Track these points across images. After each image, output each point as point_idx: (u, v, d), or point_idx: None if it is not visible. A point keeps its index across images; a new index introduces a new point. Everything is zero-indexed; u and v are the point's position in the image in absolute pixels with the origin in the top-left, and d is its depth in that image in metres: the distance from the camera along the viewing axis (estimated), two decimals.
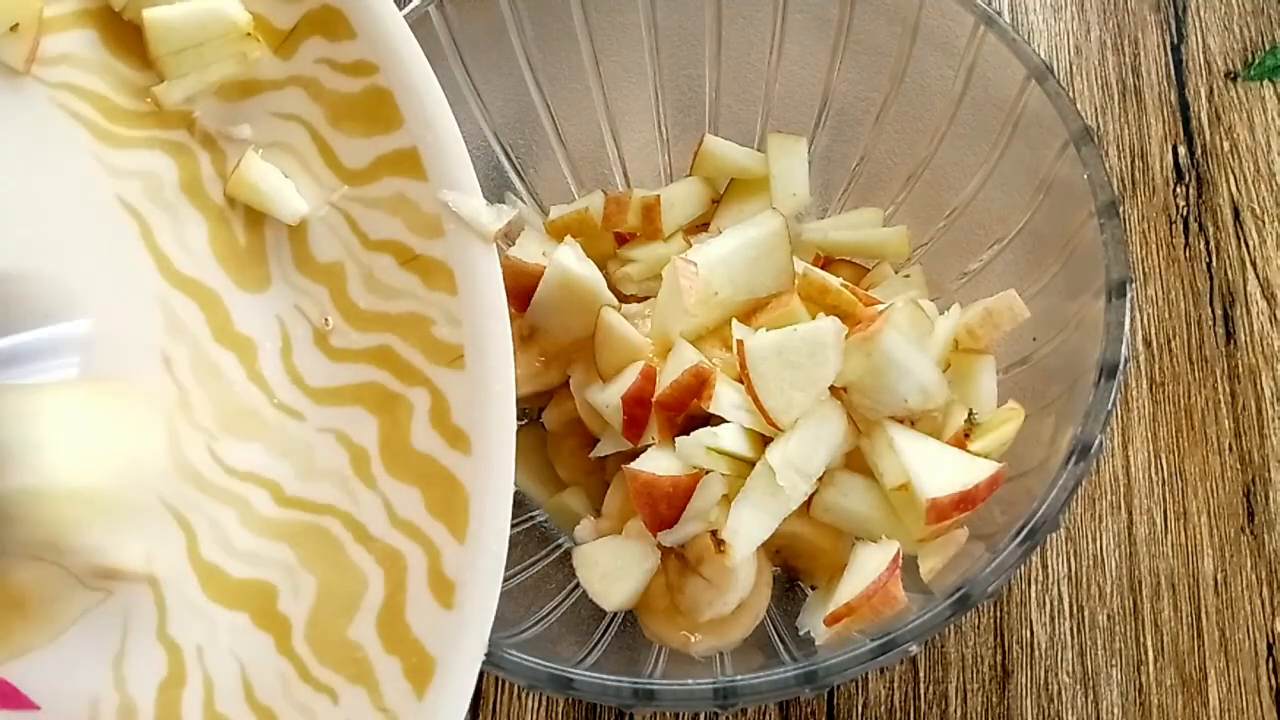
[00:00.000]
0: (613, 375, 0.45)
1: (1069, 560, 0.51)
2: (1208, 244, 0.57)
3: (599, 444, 0.46)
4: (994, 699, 0.49)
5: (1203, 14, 0.61)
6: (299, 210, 0.38)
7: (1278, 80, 0.60)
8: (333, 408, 0.38)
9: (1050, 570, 0.51)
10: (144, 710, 0.35)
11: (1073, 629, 0.50)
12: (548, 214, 0.53)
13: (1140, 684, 0.49)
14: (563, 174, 0.54)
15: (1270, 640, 0.50)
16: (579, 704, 0.49)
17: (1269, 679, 0.49)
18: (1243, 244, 0.57)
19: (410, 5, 0.44)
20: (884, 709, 0.49)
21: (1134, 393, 0.54)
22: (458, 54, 0.47)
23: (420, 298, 0.37)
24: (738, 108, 0.53)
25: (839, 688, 0.49)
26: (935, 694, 0.49)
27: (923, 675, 0.49)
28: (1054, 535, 0.52)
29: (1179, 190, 0.58)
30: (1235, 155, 0.58)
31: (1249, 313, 0.55)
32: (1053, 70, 0.43)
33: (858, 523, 0.42)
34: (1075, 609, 0.50)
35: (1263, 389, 0.54)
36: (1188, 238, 0.57)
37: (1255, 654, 0.49)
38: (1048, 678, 0.49)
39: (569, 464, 0.49)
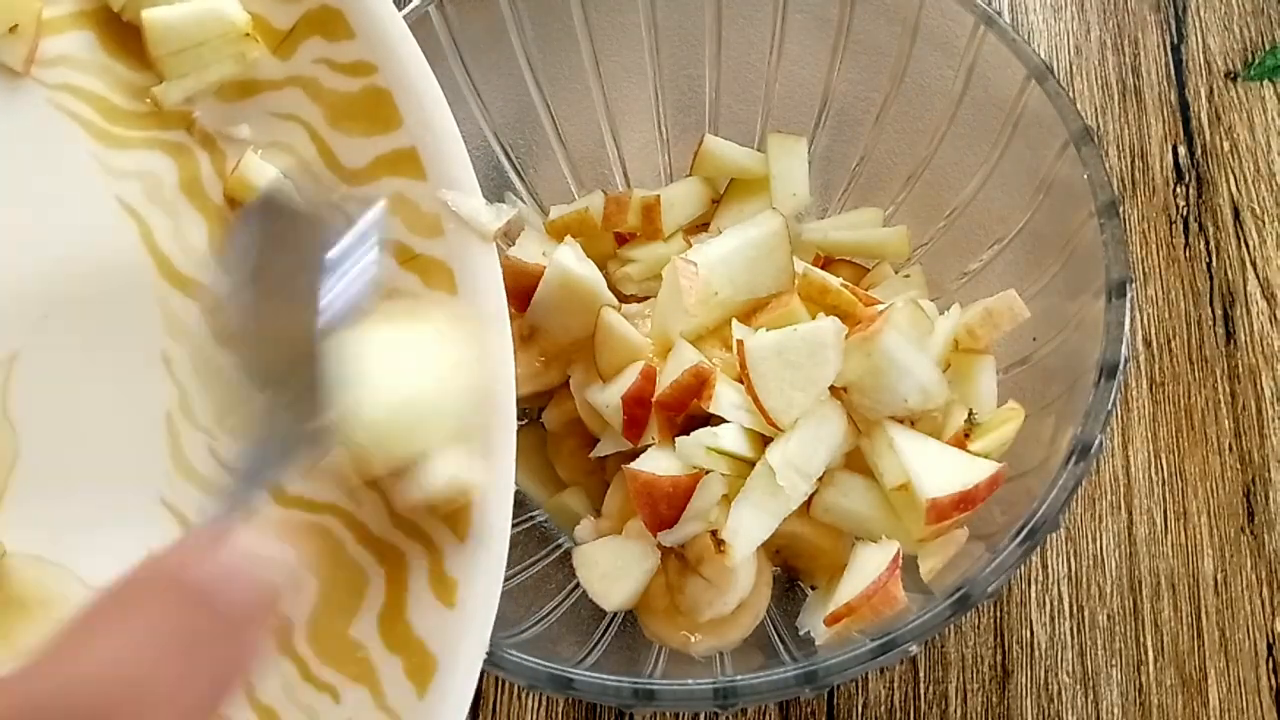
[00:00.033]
0: (613, 375, 0.45)
1: (1069, 560, 0.51)
2: (1208, 244, 0.57)
3: (599, 444, 0.46)
4: (994, 699, 0.49)
5: (1203, 14, 0.61)
6: None
7: (1278, 80, 0.60)
8: None
9: (1050, 570, 0.51)
10: None
11: (1073, 629, 0.50)
12: (548, 214, 0.53)
13: (1140, 684, 0.49)
14: (563, 174, 0.54)
15: (1270, 640, 0.50)
16: (579, 704, 0.49)
17: (1269, 679, 0.49)
18: (1243, 244, 0.57)
19: (410, 5, 0.44)
20: (884, 709, 0.49)
21: (1134, 393, 0.54)
22: (458, 54, 0.47)
23: (420, 297, 0.37)
24: (738, 108, 0.53)
25: (839, 688, 0.49)
26: (935, 694, 0.49)
27: (923, 675, 0.49)
28: (1054, 535, 0.52)
29: (1179, 190, 0.58)
30: (1235, 155, 0.58)
31: (1249, 313, 0.55)
32: (1053, 70, 0.43)
33: (858, 523, 0.42)
34: (1075, 609, 0.50)
35: (1263, 389, 0.54)
36: (1188, 238, 0.57)
37: (1255, 654, 0.49)
38: (1048, 678, 0.49)
39: (569, 464, 0.49)
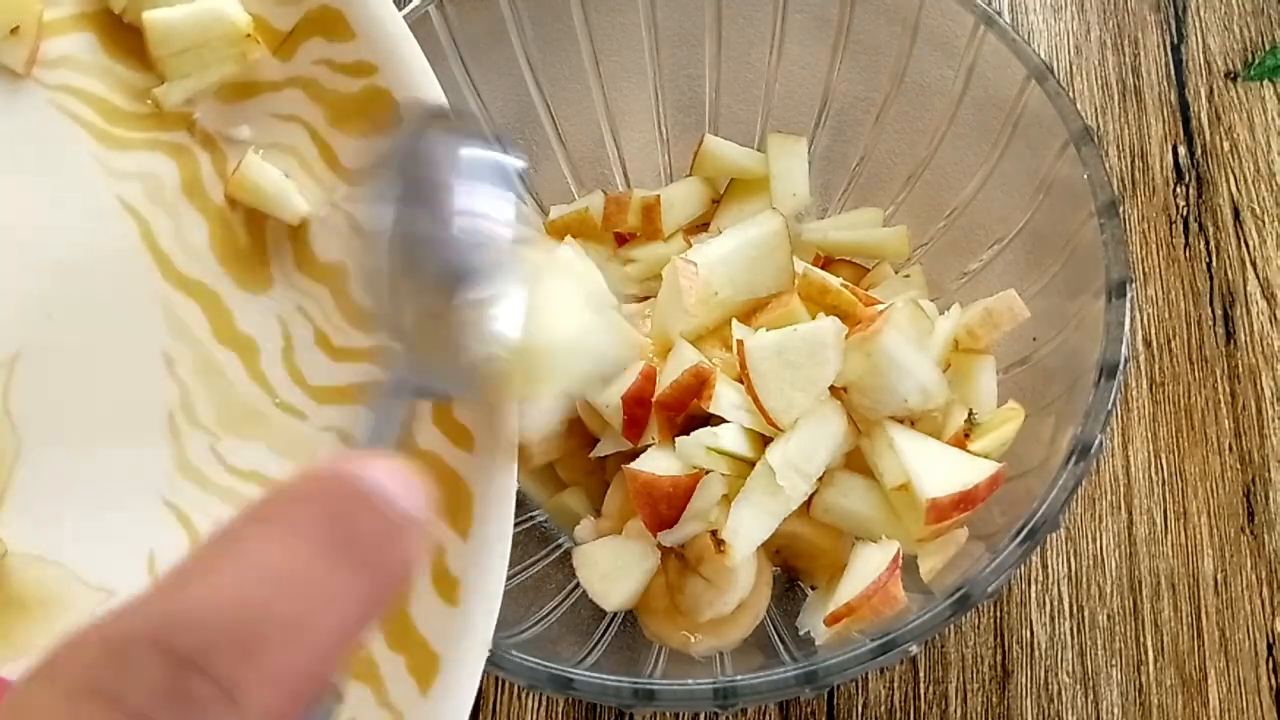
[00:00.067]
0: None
1: (1069, 560, 0.51)
2: (1208, 244, 0.57)
3: (599, 444, 0.46)
4: (994, 699, 0.49)
5: (1203, 14, 0.61)
6: (300, 211, 0.38)
7: (1278, 80, 0.59)
8: (334, 407, 0.38)
9: (1050, 570, 0.51)
10: None
11: (1073, 629, 0.50)
12: (548, 214, 0.53)
13: (1140, 684, 0.49)
14: (563, 174, 0.54)
15: (1270, 640, 0.50)
16: (579, 704, 0.49)
17: (1269, 679, 0.49)
18: (1243, 244, 0.57)
19: (410, 5, 0.44)
20: (884, 709, 0.49)
21: (1134, 393, 0.54)
22: (458, 54, 0.47)
23: None
24: (738, 108, 0.53)
25: (839, 688, 0.49)
26: (935, 694, 0.49)
27: (923, 675, 0.49)
28: (1054, 535, 0.52)
29: (1179, 190, 0.58)
30: (1235, 155, 0.58)
31: (1249, 313, 0.55)
32: (1053, 70, 0.43)
33: (858, 523, 0.42)
34: (1075, 609, 0.50)
35: (1263, 389, 0.54)
36: (1188, 238, 0.57)
37: (1255, 654, 0.49)
38: (1048, 678, 0.49)
39: (569, 464, 0.49)
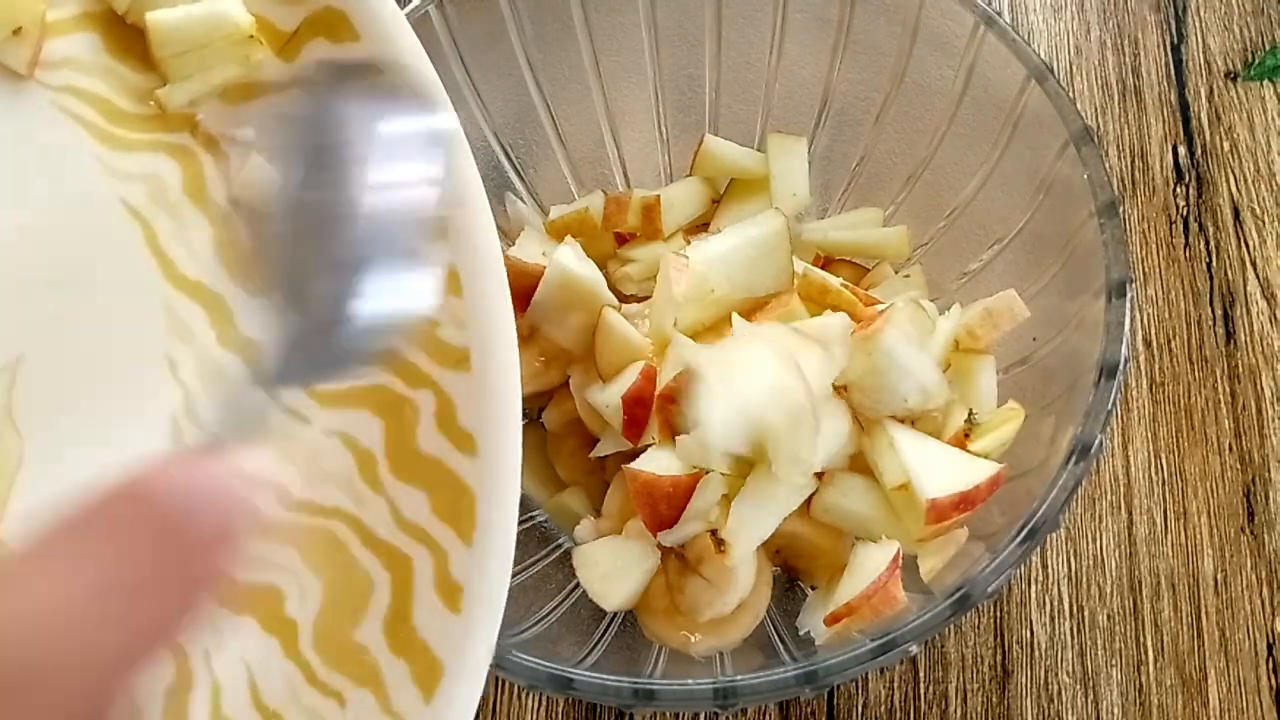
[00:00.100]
0: (613, 375, 0.45)
1: (1069, 560, 0.51)
2: (1208, 244, 0.57)
3: (599, 444, 0.46)
4: (994, 699, 0.49)
5: (1203, 14, 0.61)
6: None
7: (1278, 80, 0.59)
8: (338, 411, 0.37)
9: (1050, 570, 0.51)
10: (151, 715, 0.35)
11: (1073, 629, 0.50)
12: (548, 214, 0.53)
13: (1140, 684, 0.49)
14: (563, 174, 0.54)
15: (1270, 640, 0.50)
16: (579, 704, 0.49)
17: (1269, 679, 0.49)
18: (1243, 244, 0.57)
19: (410, 5, 0.44)
20: (884, 709, 0.49)
21: (1134, 393, 0.54)
22: (458, 54, 0.47)
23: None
24: (738, 108, 0.53)
25: (839, 688, 0.49)
26: (935, 694, 0.49)
27: (923, 675, 0.49)
28: (1054, 535, 0.52)
29: (1179, 190, 0.58)
30: (1235, 155, 0.58)
31: (1249, 313, 0.55)
32: (1053, 70, 0.43)
33: (858, 523, 0.42)
34: (1075, 609, 0.50)
35: (1263, 389, 0.54)
36: (1188, 238, 0.57)
37: (1255, 654, 0.49)
38: (1048, 678, 0.49)
39: (569, 464, 0.49)
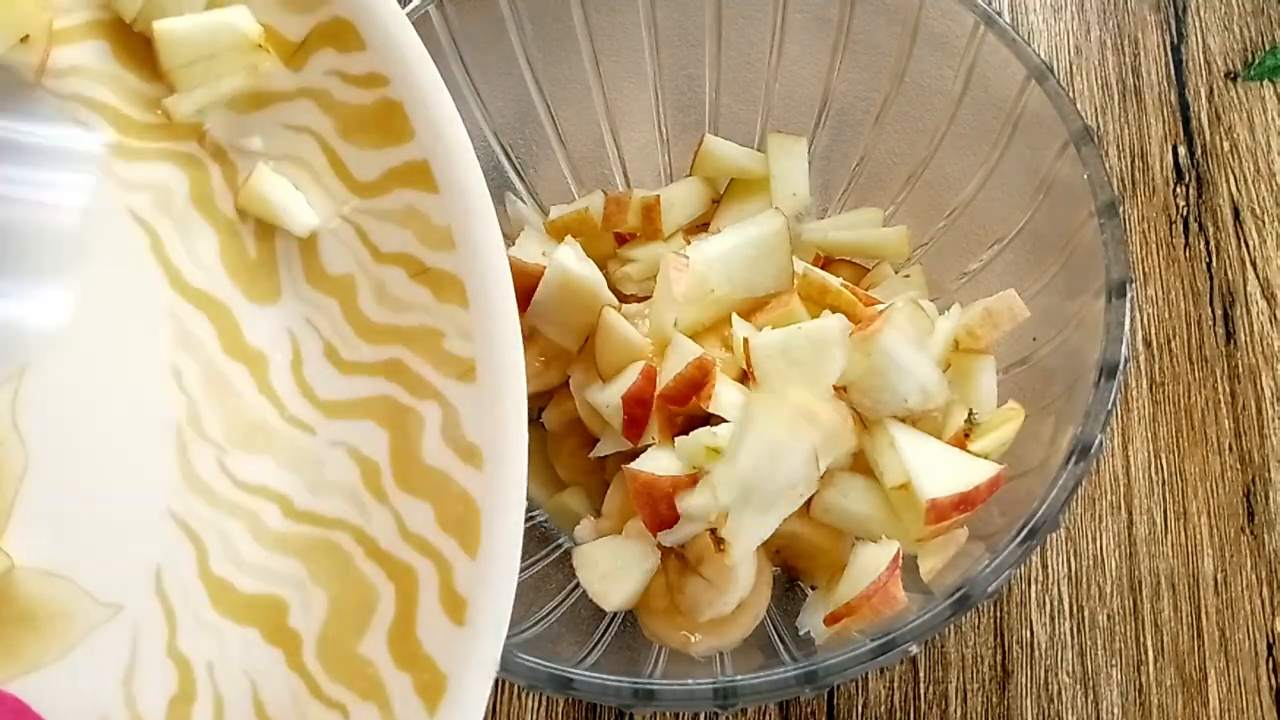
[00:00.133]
0: (613, 375, 0.45)
1: (1069, 560, 0.51)
2: (1208, 244, 0.57)
3: (599, 444, 0.46)
4: (994, 699, 0.49)
5: (1203, 14, 0.61)
6: (309, 223, 0.38)
7: (1278, 80, 0.60)
8: (343, 421, 0.37)
9: (1050, 570, 0.51)
10: None
11: (1073, 629, 0.50)
12: (548, 214, 0.53)
13: (1140, 684, 0.49)
14: (563, 174, 0.54)
15: (1270, 640, 0.50)
16: (579, 704, 0.49)
17: (1269, 679, 0.49)
18: (1243, 244, 0.57)
19: (410, 5, 0.44)
20: (884, 709, 0.49)
21: (1134, 393, 0.54)
22: (458, 54, 0.47)
23: (431, 311, 0.37)
24: (738, 108, 0.53)
25: (839, 688, 0.49)
26: (935, 694, 0.49)
27: (923, 675, 0.49)
28: (1054, 535, 0.52)
29: (1179, 190, 0.58)
30: (1235, 155, 0.58)
31: (1249, 313, 0.55)
32: (1053, 70, 0.43)
33: (858, 523, 0.42)
34: (1075, 609, 0.50)
35: (1263, 389, 0.54)
36: (1188, 238, 0.57)
37: (1255, 654, 0.49)
38: (1048, 678, 0.49)
39: (569, 464, 0.49)
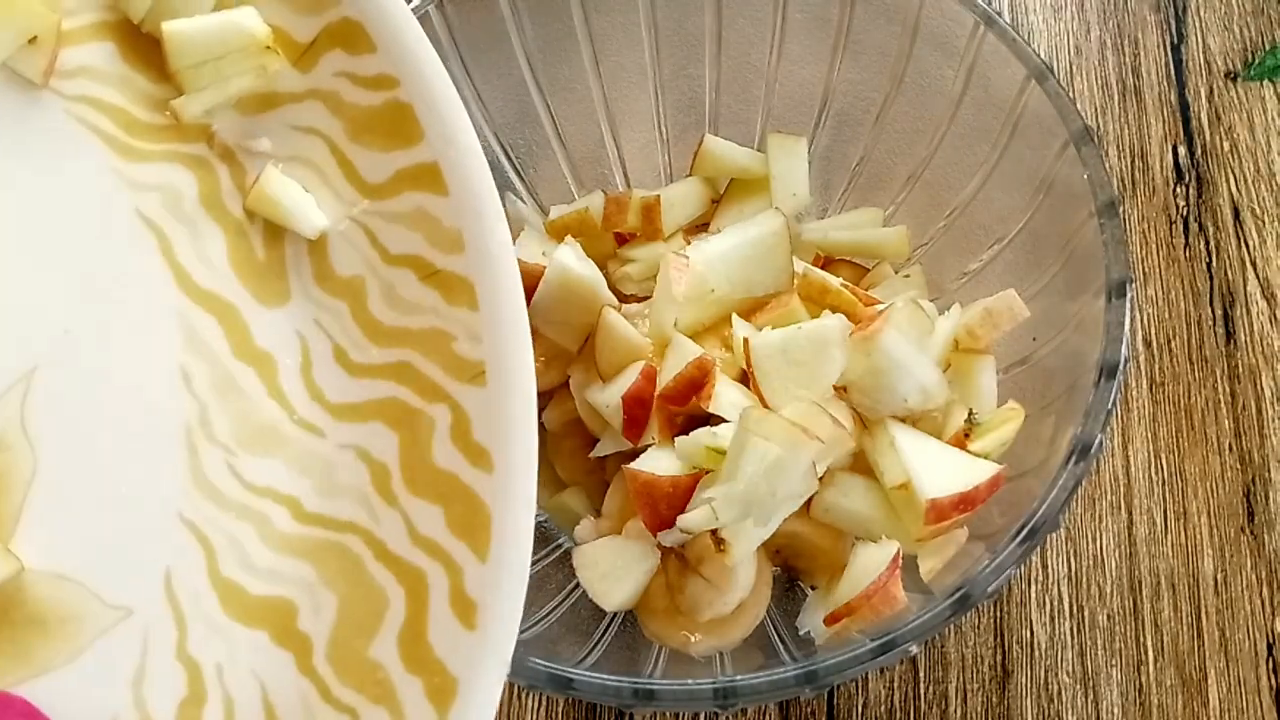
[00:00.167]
0: (613, 375, 0.45)
1: (1069, 560, 0.51)
2: (1208, 244, 0.57)
3: (599, 444, 0.46)
4: (994, 699, 0.49)
5: (1203, 14, 0.61)
6: (319, 224, 0.38)
7: (1278, 80, 0.60)
8: (353, 424, 0.37)
9: (1050, 570, 0.51)
10: None
11: (1073, 629, 0.50)
12: (548, 214, 0.53)
13: (1140, 684, 0.49)
14: (563, 174, 0.54)
15: (1270, 640, 0.50)
16: (579, 704, 0.49)
17: (1269, 679, 0.49)
18: (1243, 244, 0.57)
19: (410, 5, 0.44)
20: (884, 709, 0.49)
21: (1134, 393, 0.54)
22: (458, 54, 0.47)
23: (441, 313, 0.37)
24: (738, 108, 0.53)
25: (839, 688, 0.49)
26: (935, 694, 0.49)
27: (923, 675, 0.49)
28: (1054, 535, 0.52)
29: (1179, 190, 0.58)
30: (1235, 155, 0.58)
31: (1249, 313, 0.55)
32: (1053, 70, 0.43)
33: (858, 523, 0.42)
34: (1075, 609, 0.50)
35: (1263, 389, 0.54)
36: (1188, 238, 0.57)
37: (1255, 654, 0.49)
38: (1048, 678, 0.49)
39: (569, 464, 0.49)
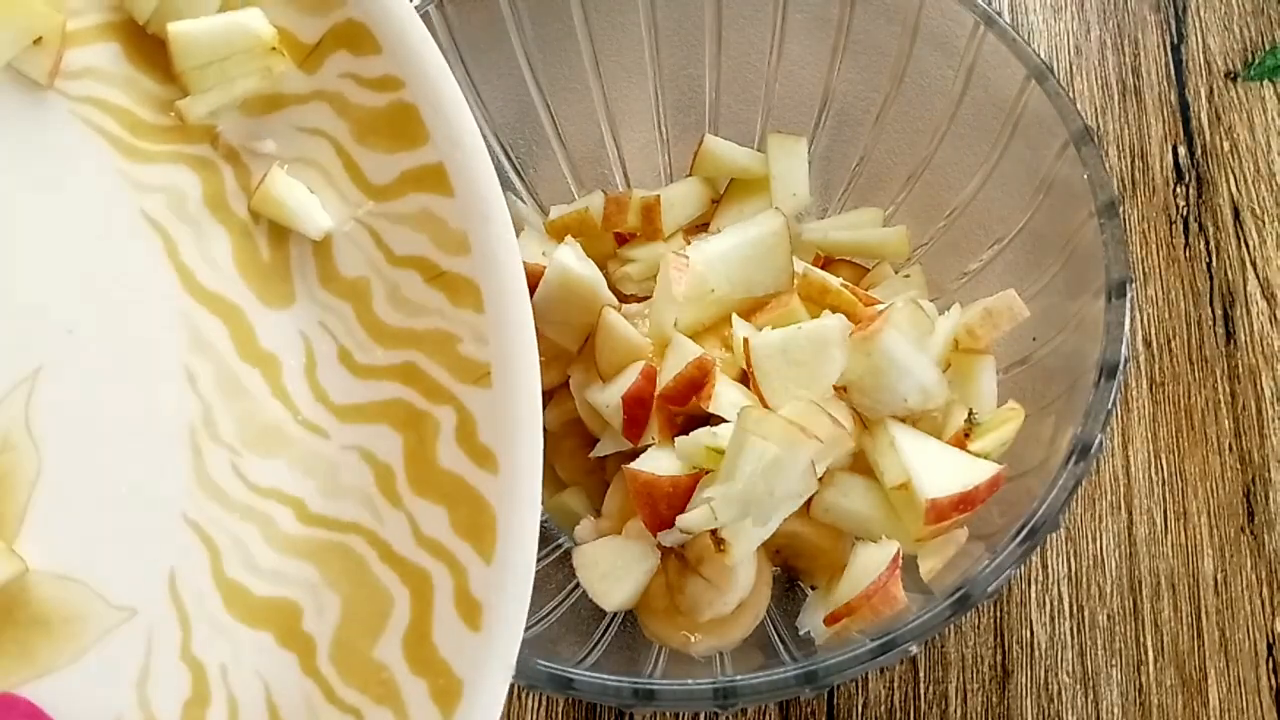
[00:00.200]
0: (613, 375, 0.45)
1: (1069, 560, 0.51)
2: (1208, 244, 0.57)
3: (599, 444, 0.46)
4: (994, 699, 0.49)
5: (1203, 14, 0.61)
6: (324, 226, 0.38)
7: (1278, 80, 0.60)
8: (358, 425, 0.37)
9: (1050, 570, 0.51)
10: None
11: (1073, 629, 0.50)
12: (548, 214, 0.53)
13: (1140, 684, 0.49)
14: (563, 174, 0.54)
15: (1270, 640, 0.50)
16: (579, 704, 0.49)
17: (1269, 679, 0.49)
18: (1243, 244, 0.57)
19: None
20: (884, 709, 0.49)
21: (1134, 393, 0.54)
22: (458, 54, 0.47)
23: (446, 315, 0.36)
24: (738, 108, 0.53)
25: (839, 688, 0.49)
26: (935, 694, 0.49)
27: (923, 675, 0.49)
28: (1054, 535, 0.52)
29: (1179, 190, 0.58)
30: (1235, 155, 0.58)
31: (1249, 313, 0.55)
32: (1053, 70, 0.43)
33: (858, 523, 0.42)
34: (1075, 609, 0.50)
35: (1263, 389, 0.54)
36: (1188, 238, 0.57)
37: (1255, 654, 0.49)
38: (1048, 678, 0.49)
39: (569, 464, 0.49)
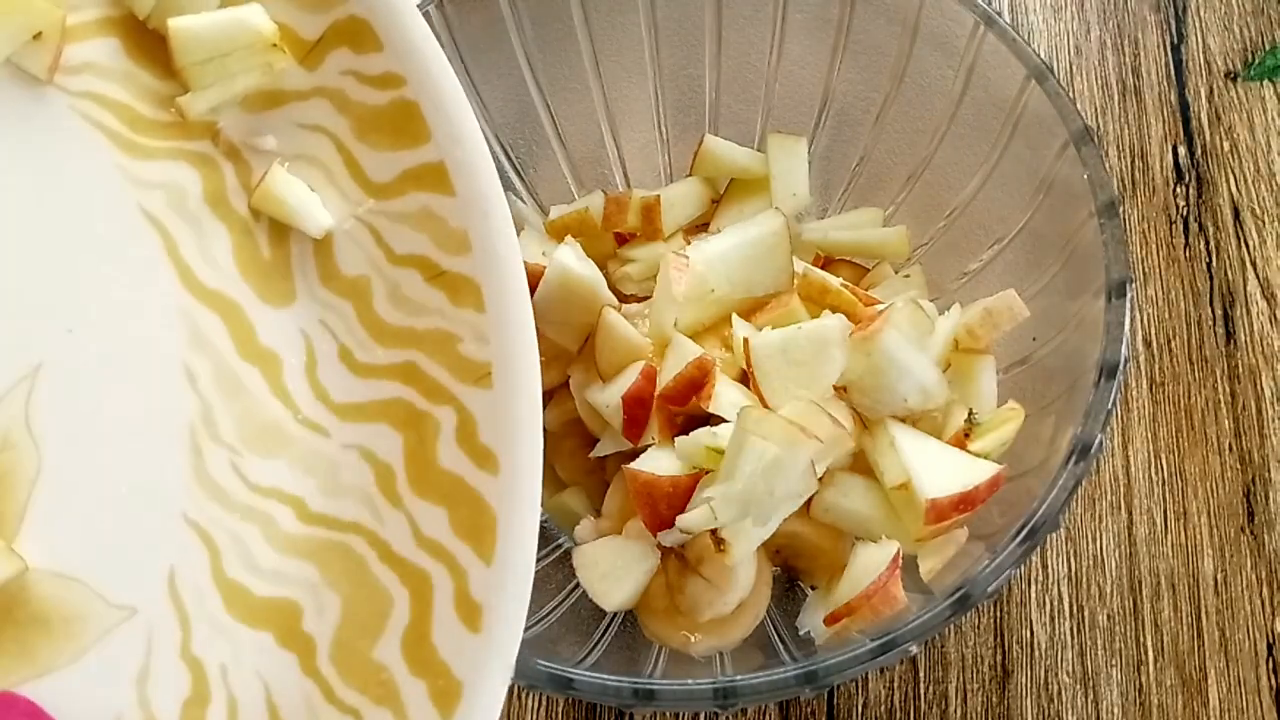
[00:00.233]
0: (613, 375, 0.45)
1: (1069, 560, 0.51)
2: (1208, 244, 0.57)
3: (599, 444, 0.46)
4: (994, 699, 0.49)
5: (1203, 14, 0.61)
6: (324, 224, 0.38)
7: (1278, 80, 0.60)
8: (358, 424, 0.37)
9: (1050, 570, 0.51)
10: None
11: (1073, 629, 0.50)
12: (548, 214, 0.53)
13: (1140, 684, 0.49)
14: (563, 174, 0.54)
15: (1270, 640, 0.50)
16: (579, 704, 0.49)
17: (1269, 679, 0.49)
18: (1243, 244, 0.57)
19: None
20: (884, 709, 0.49)
21: (1134, 393, 0.54)
22: (458, 54, 0.47)
23: (447, 314, 0.36)
24: (738, 108, 0.53)
25: (839, 688, 0.49)
26: (935, 694, 0.49)
27: (923, 675, 0.49)
28: (1054, 535, 0.52)
29: (1179, 190, 0.58)
30: (1235, 155, 0.58)
31: (1249, 313, 0.55)
32: (1053, 70, 0.43)
33: (858, 523, 0.42)
34: (1075, 609, 0.50)
35: (1263, 389, 0.54)
36: (1188, 238, 0.57)
37: (1255, 654, 0.49)
38: (1048, 678, 0.49)
39: (569, 464, 0.49)
